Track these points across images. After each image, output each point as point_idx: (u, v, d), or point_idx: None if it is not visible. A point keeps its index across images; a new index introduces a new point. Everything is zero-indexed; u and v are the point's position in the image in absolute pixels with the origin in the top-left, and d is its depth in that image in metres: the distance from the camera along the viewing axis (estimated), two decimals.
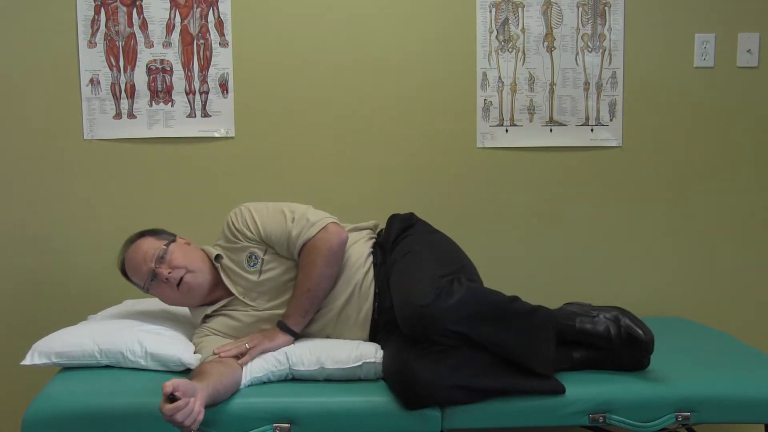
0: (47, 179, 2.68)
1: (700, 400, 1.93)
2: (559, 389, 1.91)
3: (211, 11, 2.67)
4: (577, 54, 2.76)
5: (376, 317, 2.10)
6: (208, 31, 2.67)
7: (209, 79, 2.69)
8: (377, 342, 2.08)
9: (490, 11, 2.72)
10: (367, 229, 2.28)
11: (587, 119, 2.78)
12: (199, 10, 2.66)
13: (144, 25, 2.65)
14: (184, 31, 2.67)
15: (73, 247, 2.69)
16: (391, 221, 2.26)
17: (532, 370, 1.91)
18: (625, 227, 2.82)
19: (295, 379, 1.99)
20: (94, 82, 2.66)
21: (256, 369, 1.95)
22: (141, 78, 2.67)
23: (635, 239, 2.82)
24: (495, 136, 2.77)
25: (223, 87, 2.69)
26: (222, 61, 2.68)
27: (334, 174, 2.73)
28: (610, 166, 2.79)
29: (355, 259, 2.14)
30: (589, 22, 2.75)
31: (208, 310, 2.14)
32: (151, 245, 2.10)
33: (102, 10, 2.64)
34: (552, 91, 2.77)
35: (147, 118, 2.69)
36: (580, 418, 1.91)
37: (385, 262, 2.14)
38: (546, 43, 2.75)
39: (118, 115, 2.68)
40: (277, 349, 2.00)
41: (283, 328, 2.04)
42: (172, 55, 2.67)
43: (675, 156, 2.80)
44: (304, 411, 1.86)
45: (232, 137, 2.71)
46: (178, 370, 1.98)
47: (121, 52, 2.66)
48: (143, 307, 2.31)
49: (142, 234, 2.17)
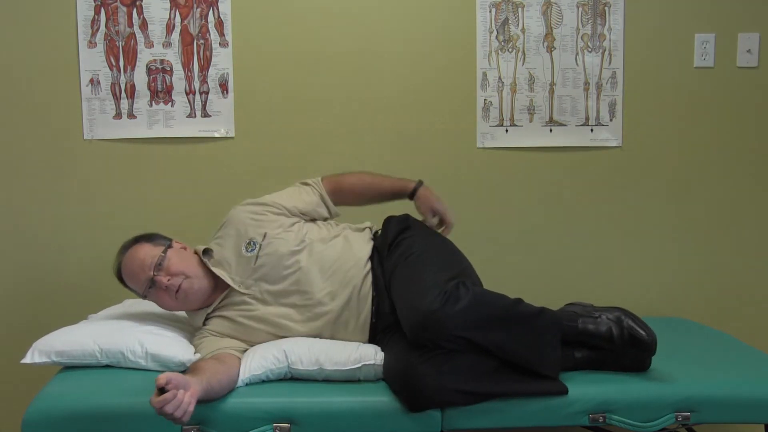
0: (47, 179, 2.68)
1: (700, 400, 1.93)
2: (563, 390, 1.91)
3: (211, 11, 2.67)
4: (577, 54, 2.76)
5: (374, 321, 2.09)
6: (208, 31, 2.67)
7: (209, 79, 2.69)
8: (376, 344, 2.08)
9: (490, 11, 2.72)
10: (366, 229, 2.27)
11: (587, 119, 2.78)
12: (199, 10, 2.66)
13: (144, 25, 2.65)
14: (184, 31, 2.67)
15: (73, 247, 2.70)
16: (387, 223, 2.25)
17: (538, 372, 1.90)
18: (625, 227, 2.82)
19: (295, 378, 1.99)
20: (94, 82, 2.66)
21: (254, 366, 1.95)
22: (141, 78, 2.67)
23: (635, 239, 2.82)
24: (495, 136, 2.77)
25: (223, 87, 2.69)
26: (222, 61, 2.68)
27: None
28: (610, 166, 2.79)
29: (355, 262, 2.13)
30: (589, 22, 2.75)
31: (209, 310, 2.14)
32: (148, 252, 2.09)
33: (102, 10, 2.64)
34: (552, 91, 2.77)
35: (147, 118, 2.69)
36: (580, 418, 1.91)
37: (382, 265, 2.14)
38: (546, 43, 2.75)
39: (118, 115, 2.68)
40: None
41: (420, 185, 2.30)
42: (172, 55, 2.67)
43: (675, 156, 2.80)
44: (304, 411, 1.86)
45: (232, 137, 2.71)
46: (179, 371, 1.97)
47: (121, 52, 2.66)
48: (143, 307, 2.31)
49: (138, 240, 2.15)
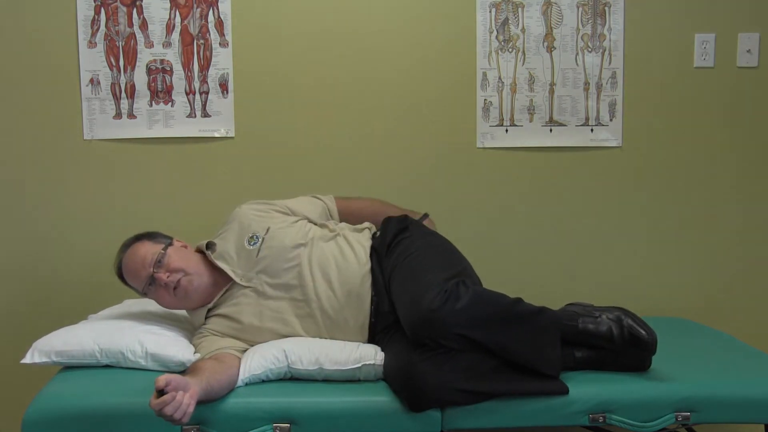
0: (47, 179, 2.68)
1: (700, 400, 1.93)
2: (563, 390, 1.91)
3: (211, 11, 2.67)
4: (577, 54, 2.76)
5: (373, 321, 2.09)
6: (208, 31, 2.67)
7: (209, 79, 2.69)
8: (375, 343, 2.08)
9: (490, 11, 2.72)
10: (365, 230, 2.27)
11: (587, 119, 2.78)
12: (199, 10, 2.66)
13: (144, 25, 2.65)
14: (184, 31, 2.67)
15: (73, 247, 2.70)
16: (386, 223, 2.25)
17: (538, 371, 1.91)
18: (625, 227, 2.82)
19: (295, 378, 1.99)
20: (94, 82, 2.66)
21: (254, 366, 1.95)
22: (141, 78, 2.67)
23: (635, 239, 2.82)
24: (495, 136, 2.77)
25: (223, 87, 2.69)
26: (222, 61, 2.68)
27: (333, 174, 2.73)
28: (610, 166, 2.79)
29: (354, 262, 2.13)
30: (589, 22, 2.75)
31: (210, 305, 2.14)
32: (149, 249, 2.10)
33: (102, 10, 2.64)
34: (552, 91, 2.77)
35: (147, 118, 2.69)
36: (580, 418, 1.91)
37: (381, 265, 2.14)
38: (546, 43, 2.75)
39: (118, 115, 2.68)
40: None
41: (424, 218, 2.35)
42: (172, 55, 2.67)
43: (675, 156, 2.80)
44: (304, 411, 1.86)
45: (232, 137, 2.71)
46: (179, 371, 1.97)
47: (121, 52, 2.66)
48: (143, 307, 2.31)
49: (139, 238, 2.17)
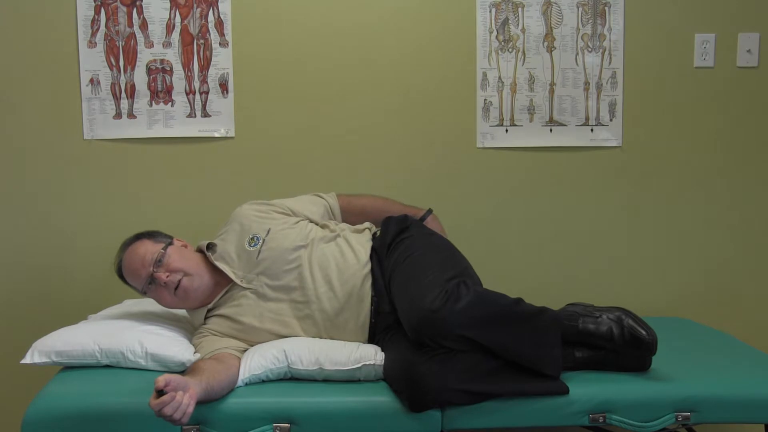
0: (47, 179, 2.68)
1: (700, 400, 1.93)
2: (564, 390, 1.91)
3: (211, 11, 2.67)
4: (577, 54, 2.76)
5: (373, 321, 2.09)
6: (208, 31, 2.67)
7: (209, 79, 2.69)
8: (375, 344, 2.07)
9: (490, 11, 2.72)
10: (365, 230, 2.27)
11: (587, 119, 2.78)
12: (199, 10, 2.66)
13: (144, 25, 2.65)
14: (184, 31, 2.67)
15: (72, 247, 2.69)
16: (386, 223, 2.25)
17: (540, 371, 1.91)
18: (625, 227, 2.82)
19: (294, 378, 1.99)
20: (94, 82, 2.66)
21: (254, 366, 1.95)
22: (141, 78, 2.67)
23: (635, 239, 2.82)
24: (495, 136, 2.77)
25: (223, 87, 2.69)
26: (222, 61, 2.68)
27: (333, 174, 2.73)
28: (610, 166, 2.79)
29: (354, 263, 2.13)
30: (589, 22, 2.75)
31: (210, 306, 2.14)
32: (149, 249, 2.10)
33: (102, 10, 2.64)
34: (552, 91, 2.77)
35: (147, 118, 2.69)
36: (580, 418, 1.91)
37: (381, 265, 2.13)
38: (546, 43, 2.75)
39: (118, 115, 2.68)
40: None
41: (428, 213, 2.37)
42: (172, 55, 2.67)
43: (675, 156, 2.80)
44: (304, 411, 1.86)
45: (232, 137, 2.71)
46: (179, 371, 1.97)
47: (121, 52, 2.66)
48: (143, 307, 2.31)
49: (139, 237, 2.17)
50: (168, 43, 2.67)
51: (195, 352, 2.02)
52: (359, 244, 2.18)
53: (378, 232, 2.26)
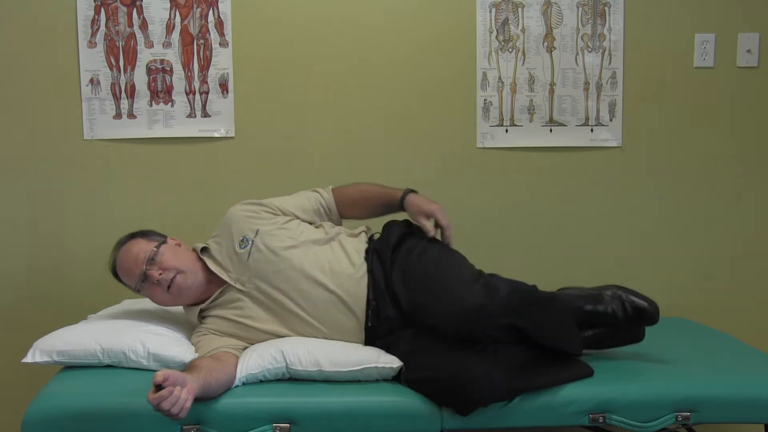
0: (47, 179, 2.68)
1: (700, 400, 1.93)
2: (589, 372, 1.97)
3: (211, 11, 2.67)
4: (577, 54, 2.76)
5: (374, 325, 2.07)
6: (208, 31, 2.67)
7: (209, 79, 2.69)
8: (380, 347, 2.05)
9: (490, 11, 2.72)
10: (361, 234, 2.25)
11: (587, 119, 2.78)
12: (199, 10, 2.66)
13: (144, 25, 2.65)
14: (184, 31, 2.67)
15: (72, 247, 2.69)
16: (389, 227, 2.24)
17: (567, 352, 1.99)
18: (625, 227, 2.82)
19: (294, 378, 1.98)
20: (94, 82, 2.66)
21: (251, 366, 1.94)
22: (141, 78, 2.67)
23: (635, 239, 2.82)
24: (495, 136, 2.77)
25: (223, 87, 2.69)
26: (222, 61, 2.68)
27: (334, 174, 2.72)
28: (610, 166, 2.79)
29: (349, 266, 2.11)
30: (589, 22, 2.75)
31: (203, 305, 2.14)
32: (142, 247, 2.11)
33: (102, 10, 2.64)
34: (552, 91, 2.77)
35: (147, 118, 2.69)
36: (580, 418, 1.91)
37: (385, 267, 2.12)
38: (546, 43, 2.75)
39: (118, 115, 2.68)
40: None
41: (408, 191, 2.22)
42: (172, 55, 2.68)
43: (675, 156, 2.80)
44: (304, 411, 1.86)
45: (232, 137, 2.71)
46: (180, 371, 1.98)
47: (121, 52, 2.66)
48: (143, 307, 2.31)
49: (133, 236, 2.17)
50: (168, 43, 2.67)
51: (195, 351, 2.03)
52: (354, 247, 2.17)
53: (374, 235, 2.25)
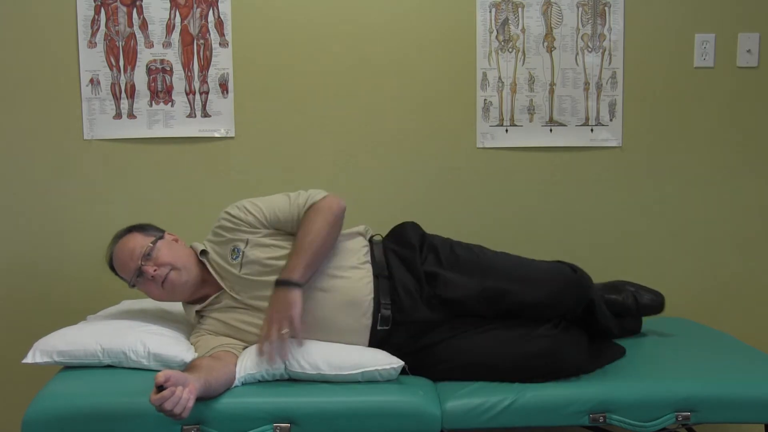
0: (47, 179, 2.68)
1: (700, 400, 1.93)
2: (623, 350, 2.16)
3: (211, 11, 2.67)
4: (577, 54, 2.76)
5: (380, 328, 2.04)
6: (208, 31, 2.67)
7: (209, 79, 2.69)
8: (383, 348, 2.03)
9: (490, 11, 2.72)
10: (359, 237, 2.20)
11: (587, 119, 2.78)
12: (199, 10, 2.66)
13: (144, 25, 2.66)
14: (184, 31, 2.67)
15: (72, 247, 2.69)
16: (403, 227, 2.22)
17: (612, 334, 2.20)
18: (625, 227, 2.82)
19: (294, 378, 1.98)
20: (94, 82, 2.66)
21: (249, 365, 1.94)
22: (141, 78, 2.67)
23: (635, 239, 2.82)
24: (495, 136, 2.77)
25: (223, 87, 2.69)
26: (222, 61, 2.68)
27: (334, 174, 2.73)
28: (610, 166, 2.79)
29: (347, 267, 2.09)
30: (589, 22, 2.75)
31: (197, 307, 2.14)
32: (138, 242, 2.10)
33: (102, 10, 2.64)
34: (552, 91, 2.77)
35: (147, 118, 2.69)
36: (580, 418, 1.91)
37: (411, 267, 2.10)
38: (546, 43, 2.75)
39: (118, 115, 2.68)
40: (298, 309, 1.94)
41: (286, 284, 1.96)
42: (172, 55, 2.68)
43: (675, 156, 2.80)
44: (304, 411, 1.86)
45: (232, 137, 2.71)
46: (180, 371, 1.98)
47: (121, 52, 2.66)
48: (142, 307, 2.31)
49: (130, 229, 2.16)
50: (168, 43, 2.67)
51: (194, 351, 2.02)
52: (352, 248, 2.15)
53: (375, 236, 2.23)
